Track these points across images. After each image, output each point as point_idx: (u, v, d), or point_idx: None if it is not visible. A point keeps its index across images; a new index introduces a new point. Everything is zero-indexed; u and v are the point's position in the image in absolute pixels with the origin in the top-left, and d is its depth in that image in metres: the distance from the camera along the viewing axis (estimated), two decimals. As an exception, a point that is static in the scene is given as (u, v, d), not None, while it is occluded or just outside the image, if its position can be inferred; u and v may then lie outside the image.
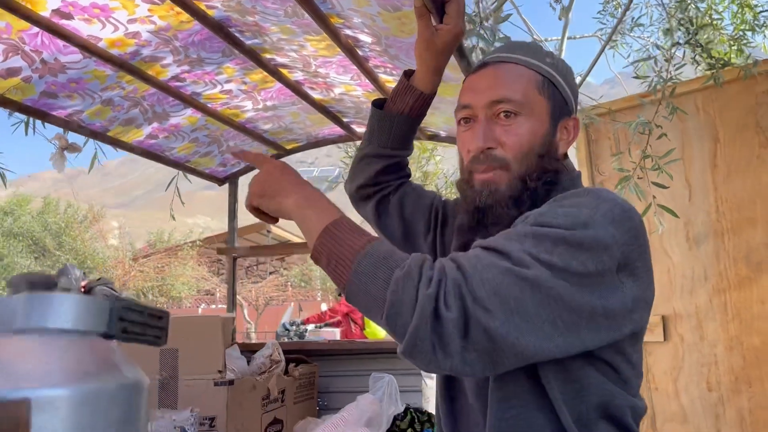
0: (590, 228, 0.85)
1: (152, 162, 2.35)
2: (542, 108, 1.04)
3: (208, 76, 1.91)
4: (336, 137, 2.56)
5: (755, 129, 2.76)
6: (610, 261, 0.85)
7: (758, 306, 2.68)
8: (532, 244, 0.85)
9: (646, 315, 0.94)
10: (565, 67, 1.10)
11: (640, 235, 0.91)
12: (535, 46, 1.11)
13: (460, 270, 0.83)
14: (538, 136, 1.03)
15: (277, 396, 2.00)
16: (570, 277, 0.83)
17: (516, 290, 0.81)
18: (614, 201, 0.91)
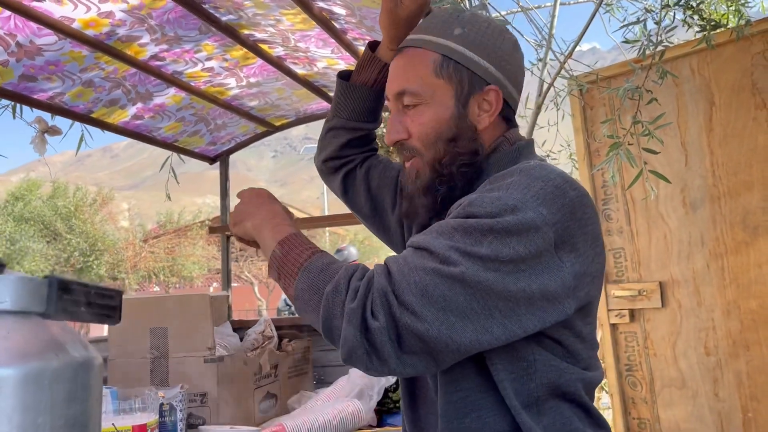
0: (518, 212, 0.85)
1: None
2: (443, 91, 1.01)
3: (188, 55, 1.89)
4: (324, 112, 2.55)
5: (751, 91, 2.71)
6: (543, 242, 0.84)
7: (755, 270, 2.66)
8: (461, 237, 0.85)
9: (594, 288, 0.93)
10: (479, 35, 1.01)
11: (578, 209, 0.89)
12: (449, 17, 1.04)
13: (388, 277, 0.85)
14: (443, 121, 1.01)
15: (269, 371, 2.02)
16: (502, 265, 0.83)
17: (444, 289, 0.82)
18: (546, 178, 0.89)
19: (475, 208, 0.87)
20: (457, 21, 1.03)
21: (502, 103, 1.02)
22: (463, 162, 1.01)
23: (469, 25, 1.02)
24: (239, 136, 2.65)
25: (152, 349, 1.82)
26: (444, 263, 0.83)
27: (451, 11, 1.07)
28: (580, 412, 0.94)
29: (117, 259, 19.36)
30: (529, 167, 0.92)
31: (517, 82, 1.04)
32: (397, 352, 0.83)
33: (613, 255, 3.08)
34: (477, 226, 0.85)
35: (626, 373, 3.04)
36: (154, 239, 20.40)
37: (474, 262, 0.83)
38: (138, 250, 19.59)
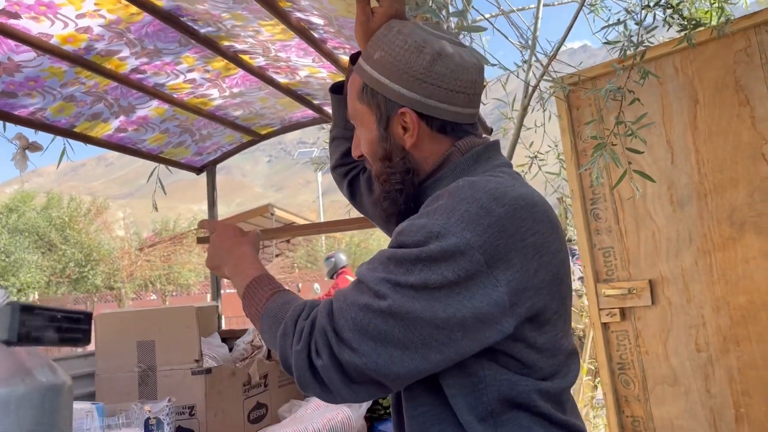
0: (442, 238, 0.86)
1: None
2: (367, 116, 1.06)
3: (169, 67, 1.90)
4: (309, 120, 2.55)
5: (734, 88, 2.72)
6: (471, 265, 0.85)
7: (743, 265, 2.67)
8: (393, 267, 0.88)
9: (542, 298, 0.92)
10: (392, 57, 1.02)
11: (509, 225, 0.89)
12: (377, 39, 1.06)
13: (330, 316, 0.90)
14: (372, 143, 1.07)
15: (259, 381, 2.02)
16: (433, 292, 0.85)
17: (379, 323, 0.86)
18: (471, 199, 0.89)
19: (404, 237, 0.90)
20: (378, 43, 1.05)
21: (418, 124, 1.02)
22: (395, 180, 1.04)
23: (387, 47, 1.03)
24: (225, 145, 2.65)
25: (140, 362, 1.82)
26: (375, 297, 0.87)
27: (384, 31, 1.07)
28: (541, 421, 0.94)
29: (113, 268, 19.31)
30: (457, 188, 0.93)
31: (445, 95, 1.01)
32: (347, 384, 0.89)
33: (603, 254, 3.09)
34: (406, 256, 0.88)
35: (619, 371, 3.05)
36: (150, 248, 20.34)
37: (403, 294, 0.86)
38: (134, 258, 19.53)
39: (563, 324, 0.99)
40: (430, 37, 1.02)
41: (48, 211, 20.38)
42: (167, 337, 1.82)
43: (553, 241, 0.94)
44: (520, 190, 0.95)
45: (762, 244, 2.63)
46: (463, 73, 1.01)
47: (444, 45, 1.01)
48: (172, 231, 22.27)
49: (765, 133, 2.65)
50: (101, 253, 19.31)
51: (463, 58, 1.02)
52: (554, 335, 0.96)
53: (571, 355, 1.02)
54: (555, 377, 0.97)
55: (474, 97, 1.05)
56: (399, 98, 1.02)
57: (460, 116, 1.04)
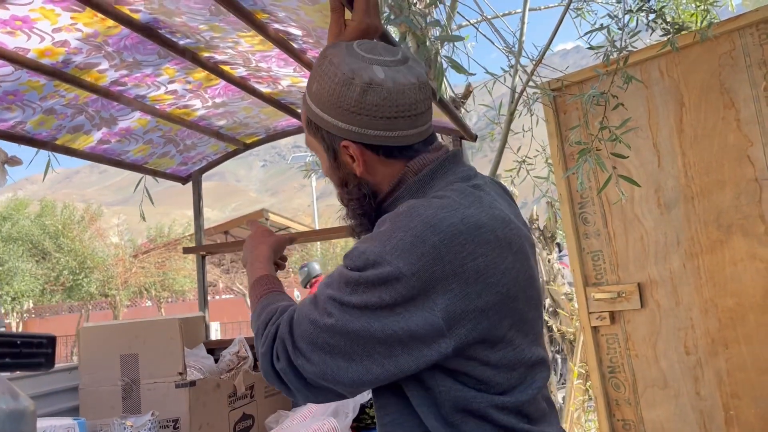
0: (378, 266, 0.91)
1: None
2: (317, 147, 1.10)
3: (149, 79, 1.89)
4: (295, 129, 2.54)
5: (719, 90, 2.73)
6: (406, 290, 0.89)
7: (730, 268, 2.68)
8: (338, 287, 0.95)
9: (486, 321, 0.93)
10: (326, 90, 1.02)
11: (446, 252, 0.90)
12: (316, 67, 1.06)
13: (290, 325, 1.00)
14: (328, 170, 1.11)
15: (245, 392, 2.01)
16: (372, 312, 0.91)
17: (326, 336, 0.94)
18: (407, 228, 0.92)
19: (348, 261, 0.96)
20: (315, 74, 1.05)
21: (363, 154, 1.03)
22: (354, 205, 1.09)
23: (321, 79, 1.03)
24: (210, 155, 2.64)
25: (123, 376, 1.81)
26: (324, 313, 0.95)
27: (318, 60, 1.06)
28: (503, 431, 0.97)
29: (107, 276, 19.21)
30: (397, 215, 0.96)
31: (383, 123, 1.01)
32: (305, 386, 0.99)
33: (592, 258, 3.09)
34: (349, 278, 0.94)
35: (609, 375, 3.05)
36: (144, 254, 20.26)
37: (347, 312, 0.93)
38: (128, 266, 19.44)
39: (523, 337, 1.00)
40: (359, 65, 1.00)
41: (41, 219, 20.27)
42: (151, 350, 1.81)
43: (501, 261, 0.95)
44: (464, 212, 0.95)
45: (749, 246, 2.64)
46: (398, 97, 0.99)
47: (374, 72, 0.99)
48: (167, 237, 22.16)
49: (750, 136, 2.65)
50: (95, 261, 19.22)
51: (397, 81, 1.00)
52: (511, 351, 0.97)
53: (535, 365, 1.02)
54: (514, 390, 0.98)
55: (417, 116, 1.03)
56: (338, 131, 1.03)
57: (405, 138, 1.03)
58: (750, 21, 2.66)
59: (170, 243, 20.73)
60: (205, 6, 1.50)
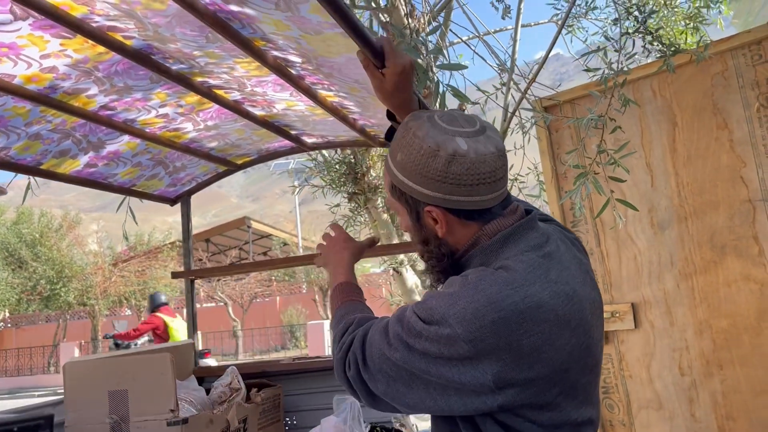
0: (440, 326, 1.00)
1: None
2: (400, 209, 1.18)
3: (140, 103, 1.82)
4: (288, 149, 2.49)
5: (712, 111, 2.73)
6: (462, 351, 0.99)
7: (724, 289, 2.67)
8: (408, 329, 1.04)
9: (535, 389, 1.01)
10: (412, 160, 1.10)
11: (502, 329, 0.98)
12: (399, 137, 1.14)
13: (363, 344, 1.12)
14: (409, 230, 1.19)
15: (238, 426, 1.95)
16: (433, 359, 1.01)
17: (390, 366, 1.05)
18: (472, 299, 1.00)
19: (418, 311, 1.05)
20: (399, 144, 1.13)
21: (445, 217, 1.11)
22: (434, 262, 1.17)
23: (406, 150, 1.11)
24: (200, 176, 2.57)
25: (111, 413, 1.74)
26: (391, 348, 1.05)
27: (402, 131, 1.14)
28: None
29: (86, 285, 18.91)
30: (466, 282, 1.04)
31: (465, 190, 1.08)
32: (368, 396, 1.11)
33: (585, 277, 3.07)
34: (415, 327, 1.03)
35: (603, 395, 3.02)
36: (124, 263, 19.97)
37: (410, 352, 1.03)
38: (107, 274, 19.15)
39: (572, 400, 1.06)
40: (443, 137, 1.08)
41: (18, 227, 19.91)
42: (141, 386, 1.74)
43: (557, 338, 1.02)
44: (528, 290, 1.02)
45: (743, 268, 2.63)
46: (480, 166, 1.07)
47: (458, 144, 1.07)
48: (147, 245, 21.87)
49: (744, 156, 2.65)
50: (73, 270, 18.90)
51: (479, 152, 1.08)
52: (557, 413, 1.04)
53: (582, 425, 1.08)
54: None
55: (496, 182, 1.10)
56: (424, 197, 1.11)
57: (485, 203, 1.11)
58: (742, 42, 2.67)
59: (151, 251, 20.46)
60: (202, 34, 1.44)
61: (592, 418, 1.11)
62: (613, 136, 2.76)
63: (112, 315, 21.09)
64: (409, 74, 1.24)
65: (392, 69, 1.22)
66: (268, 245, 23.56)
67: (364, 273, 25.47)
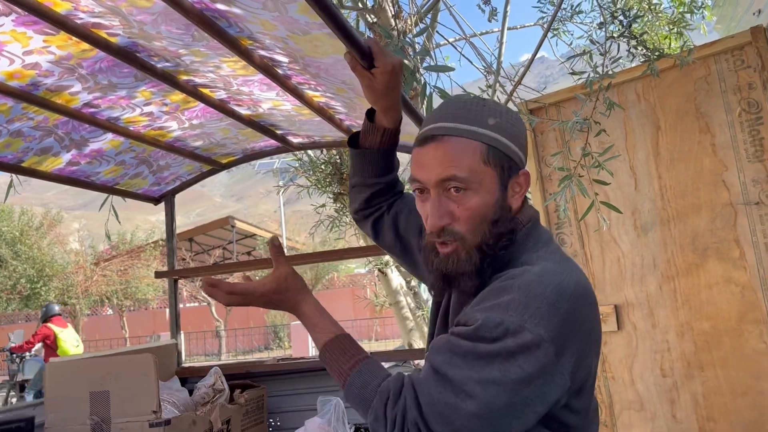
0: (519, 335, 0.94)
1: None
2: (490, 178, 1.08)
3: (124, 101, 1.80)
4: (273, 149, 2.48)
5: (695, 115, 2.76)
6: (545, 356, 0.94)
7: (706, 291, 2.70)
8: (474, 363, 0.95)
9: (586, 374, 1.04)
10: (510, 123, 1.10)
11: (572, 318, 0.98)
12: (477, 108, 1.10)
13: (419, 409, 0.97)
14: (489, 205, 1.08)
15: (221, 427, 1.93)
16: (514, 385, 0.93)
17: (465, 421, 0.93)
18: (542, 296, 0.97)
19: (482, 332, 0.96)
20: (486, 109, 1.10)
21: (530, 183, 1.12)
22: (504, 243, 1.09)
23: (498, 114, 1.10)
24: (184, 175, 2.55)
25: (92, 414, 1.72)
26: (461, 397, 0.94)
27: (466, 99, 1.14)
28: None
29: (66, 284, 18.67)
30: (527, 283, 0.99)
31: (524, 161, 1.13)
32: None
33: (569, 279, 3.09)
34: (486, 351, 0.95)
35: (586, 396, 3.04)
36: (106, 262, 19.74)
37: (488, 390, 0.93)
38: (89, 273, 18.92)
39: (592, 386, 1.10)
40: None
41: (-3, 225, 19.62)
42: (123, 387, 1.72)
43: (597, 321, 1.06)
44: (575, 277, 1.03)
45: (724, 270, 2.66)
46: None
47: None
48: (130, 243, 21.62)
49: (725, 160, 2.68)
50: (54, 269, 18.66)
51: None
52: (587, 398, 1.07)
53: (595, 411, 1.12)
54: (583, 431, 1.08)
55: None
56: (519, 160, 1.10)
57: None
58: (725, 47, 2.70)
59: (133, 250, 20.25)
60: (188, 32, 1.43)
61: (598, 405, 1.16)
62: (598, 139, 2.78)
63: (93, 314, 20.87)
64: (399, 74, 1.24)
65: (382, 68, 1.21)
66: (252, 245, 23.42)
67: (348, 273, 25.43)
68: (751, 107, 2.66)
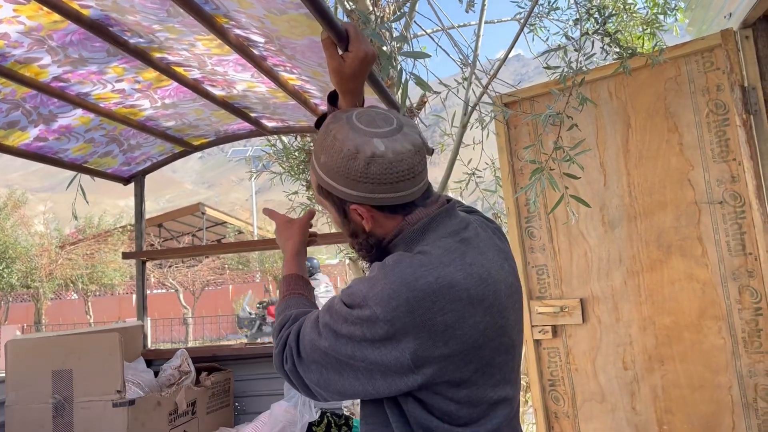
0: (362, 308, 1.07)
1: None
2: (328, 206, 1.22)
3: (95, 76, 1.77)
4: (246, 132, 2.45)
5: (664, 114, 2.81)
6: (382, 331, 1.05)
7: (669, 287, 2.76)
8: (333, 317, 1.11)
9: (452, 366, 1.08)
10: (334, 162, 1.13)
11: (417, 307, 1.05)
12: (319, 142, 1.17)
13: (297, 337, 1.18)
14: (338, 224, 1.24)
15: (186, 409, 1.92)
16: (357, 342, 1.07)
17: (320, 355, 1.12)
18: (388, 281, 1.07)
19: (344, 296, 1.12)
20: (322, 146, 1.16)
21: (370, 213, 1.16)
22: (364, 252, 1.23)
23: (327, 153, 1.14)
24: (155, 156, 2.51)
25: (55, 393, 1.69)
26: (320, 337, 1.12)
27: (323, 134, 1.17)
28: None
29: (30, 267, 18.26)
30: (384, 266, 1.10)
31: (386, 188, 1.13)
32: (305, 387, 1.17)
33: (536, 272, 3.13)
34: (340, 313, 1.10)
35: (549, 388, 3.09)
36: (72, 245, 19.35)
37: (338, 339, 1.09)
38: (54, 257, 18.52)
39: (488, 378, 1.12)
40: (362, 140, 1.11)
41: (-42, 205, 19.07)
42: (87, 366, 1.70)
43: (470, 316, 1.08)
44: (441, 271, 1.08)
45: (686, 267, 2.72)
46: (398, 165, 1.11)
47: (375, 146, 1.10)
48: (97, 228, 21.21)
49: (692, 160, 2.74)
50: (18, 251, 18.23)
51: (396, 151, 1.11)
52: (474, 390, 1.11)
53: (498, 403, 1.15)
54: (474, 424, 1.12)
55: (415, 177, 1.15)
56: (347, 197, 1.15)
57: (406, 197, 1.16)
58: (696, 48, 2.75)
59: (100, 234, 19.88)
60: (162, 7, 1.41)
61: (509, 397, 1.17)
62: (569, 134, 2.82)
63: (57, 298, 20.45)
64: (369, 62, 1.26)
65: (355, 53, 1.23)
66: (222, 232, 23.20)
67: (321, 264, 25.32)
68: (718, 108, 2.72)
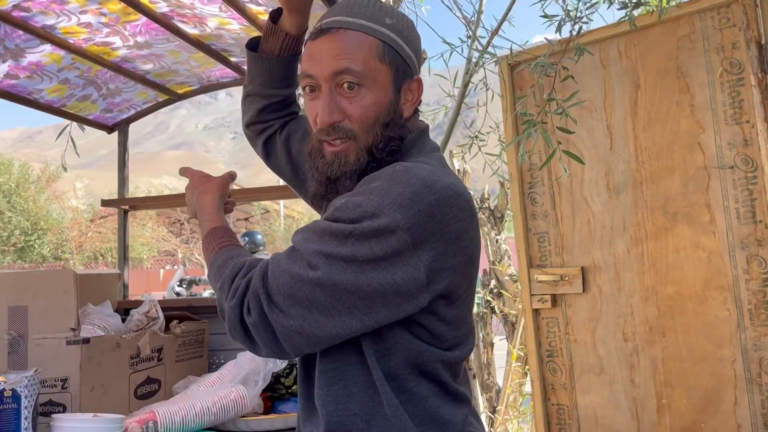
0: (376, 218, 0.93)
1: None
2: (385, 76, 1.05)
3: (57, 6, 1.71)
4: (231, 80, 2.38)
5: (676, 74, 2.66)
6: (398, 243, 0.93)
7: (673, 255, 2.63)
8: (328, 239, 0.95)
9: (456, 278, 1.01)
10: (406, 26, 1.08)
11: (437, 211, 0.96)
12: (374, 6, 1.07)
13: (264, 278, 0.98)
14: (382, 106, 1.06)
15: (150, 354, 1.88)
16: (360, 264, 0.93)
17: (308, 291, 0.94)
18: (406, 184, 0.95)
19: (340, 213, 0.96)
20: (382, 10, 1.07)
21: (422, 93, 1.10)
22: (393, 148, 1.07)
23: (395, 16, 1.07)
24: (139, 103, 2.46)
25: (10, 329, 1.66)
26: (308, 267, 0.94)
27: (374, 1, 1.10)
28: (438, 390, 1.04)
29: (61, 239, 18.71)
30: (394, 171, 0.99)
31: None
32: (273, 340, 0.97)
33: (538, 239, 3.02)
34: (340, 229, 0.94)
35: (547, 359, 2.99)
36: (102, 219, 19.77)
37: (333, 265, 0.93)
38: (84, 230, 18.95)
39: (471, 300, 1.09)
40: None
41: (-6, 176, 19.57)
42: (42, 303, 1.66)
43: (471, 228, 1.03)
44: (448, 179, 1.01)
45: (693, 235, 2.59)
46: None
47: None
48: (128, 203, 21.56)
49: (703, 122, 2.59)
50: (49, 223, 18.69)
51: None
52: (462, 310, 1.06)
53: (471, 329, 1.11)
54: (456, 348, 1.06)
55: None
56: (413, 65, 1.08)
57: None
58: (712, 3, 2.58)
59: (130, 209, 20.21)
60: None
61: (473, 326, 1.13)
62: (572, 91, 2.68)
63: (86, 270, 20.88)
64: None
65: None
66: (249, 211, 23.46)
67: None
68: (733, 67, 2.55)
